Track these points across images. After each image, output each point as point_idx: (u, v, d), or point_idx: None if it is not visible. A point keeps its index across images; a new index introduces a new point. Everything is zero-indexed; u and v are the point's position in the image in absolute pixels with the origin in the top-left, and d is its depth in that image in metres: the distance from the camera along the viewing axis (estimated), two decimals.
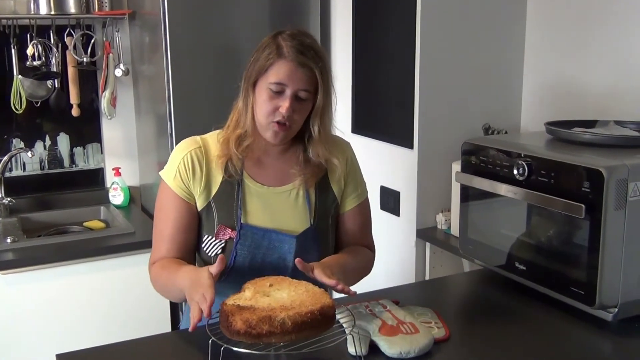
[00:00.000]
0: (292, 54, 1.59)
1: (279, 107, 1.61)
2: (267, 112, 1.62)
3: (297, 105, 1.62)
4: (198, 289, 1.44)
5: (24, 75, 3.06)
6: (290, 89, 1.60)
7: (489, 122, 2.60)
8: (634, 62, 2.25)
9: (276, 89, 1.60)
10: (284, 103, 1.60)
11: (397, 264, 2.76)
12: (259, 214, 1.70)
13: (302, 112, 1.65)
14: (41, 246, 2.75)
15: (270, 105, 1.61)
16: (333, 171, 1.76)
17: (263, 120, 1.64)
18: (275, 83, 1.60)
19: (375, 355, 1.48)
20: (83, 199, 3.30)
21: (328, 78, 1.65)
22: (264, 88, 1.62)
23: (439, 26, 2.54)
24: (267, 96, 1.61)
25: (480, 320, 1.75)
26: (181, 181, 1.68)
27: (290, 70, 1.59)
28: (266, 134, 1.66)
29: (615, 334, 1.65)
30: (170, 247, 1.70)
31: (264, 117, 1.63)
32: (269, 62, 1.60)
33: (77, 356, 1.53)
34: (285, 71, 1.59)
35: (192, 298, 1.44)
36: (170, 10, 2.74)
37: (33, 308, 2.67)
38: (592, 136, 1.86)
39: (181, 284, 1.55)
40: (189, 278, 1.52)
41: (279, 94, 1.61)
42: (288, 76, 1.59)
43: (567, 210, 1.66)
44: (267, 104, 1.62)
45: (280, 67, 1.59)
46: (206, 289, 1.41)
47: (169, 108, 2.81)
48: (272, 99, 1.61)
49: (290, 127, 1.64)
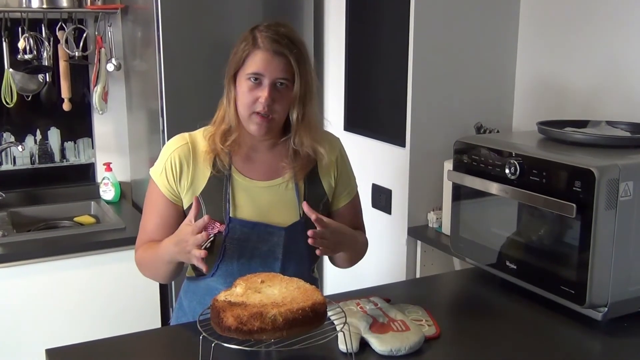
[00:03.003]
0: (266, 43, 1.61)
1: (258, 97, 1.62)
2: (248, 104, 1.63)
3: (276, 95, 1.63)
4: (184, 238, 1.54)
5: (15, 69, 3.04)
6: (268, 78, 1.62)
7: (481, 121, 2.60)
8: (626, 63, 2.26)
9: (254, 80, 1.62)
10: (263, 93, 1.62)
11: (388, 262, 2.77)
12: (247, 208, 1.70)
13: (283, 101, 1.65)
14: (31, 241, 2.74)
15: (250, 97, 1.63)
16: (320, 160, 1.76)
17: (245, 113, 1.65)
18: (252, 73, 1.62)
19: (366, 353, 1.48)
20: (73, 193, 3.29)
21: (305, 65, 1.66)
22: (243, 80, 1.64)
23: (432, 25, 2.54)
24: (246, 88, 1.63)
25: (470, 319, 1.75)
26: (166, 180, 1.70)
27: (266, 59, 1.61)
28: (250, 127, 1.67)
29: (605, 333, 1.66)
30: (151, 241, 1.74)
31: (245, 109, 1.65)
32: (245, 53, 1.63)
33: (66, 351, 1.53)
34: (260, 61, 1.61)
35: (184, 248, 1.53)
36: (163, 5, 2.73)
37: (22, 303, 2.66)
38: (584, 136, 1.86)
39: (165, 249, 1.62)
40: (170, 242, 1.60)
41: (257, 84, 1.62)
42: (264, 66, 1.61)
43: (558, 210, 1.67)
44: (247, 95, 1.63)
45: (255, 57, 1.62)
46: (191, 232, 1.51)
47: (161, 104, 2.80)
48: (252, 90, 1.63)
49: (272, 119, 1.65)
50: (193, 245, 1.52)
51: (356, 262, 1.86)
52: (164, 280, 1.78)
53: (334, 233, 1.63)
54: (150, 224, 1.74)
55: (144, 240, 1.75)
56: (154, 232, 1.73)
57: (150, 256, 1.71)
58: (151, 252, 1.70)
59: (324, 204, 1.78)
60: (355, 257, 1.85)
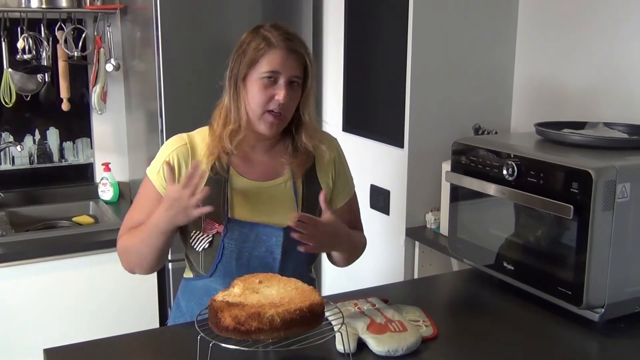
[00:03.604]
0: (281, 42, 1.62)
1: (273, 95, 1.62)
2: (262, 102, 1.63)
3: (290, 93, 1.64)
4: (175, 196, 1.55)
5: (14, 69, 3.04)
6: (284, 76, 1.63)
7: (479, 122, 2.61)
8: (624, 65, 2.26)
9: (270, 78, 1.62)
10: (280, 91, 1.62)
11: (386, 263, 2.77)
12: (246, 208, 1.70)
13: (295, 99, 1.67)
14: (29, 241, 2.74)
15: (264, 96, 1.63)
16: (321, 157, 1.77)
17: (258, 111, 1.65)
18: (269, 71, 1.62)
19: (363, 353, 1.48)
20: (72, 193, 3.29)
21: (314, 63, 1.69)
22: (255, 80, 1.63)
23: (431, 26, 2.54)
24: (260, 87, 1.63)
25: (468, 319, 1.76)
26: (163, 179, 1.69)
27: (282, 57, 1.62)
28: (260, 127, 1.67)
29: (602, 334, 1.66)
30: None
31: (259, 108, 1.64)
32: (259, 52, 1.63)
33: (65, 351, 1.53)
34: (277, 59, 1.62)
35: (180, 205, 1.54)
36: (163, 6, 2.73)
37: (20, 303, 2.66)
38: (581, 137, 1.87)
39: (158, 219, 1.60)
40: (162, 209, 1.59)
41: (272, 82, 1.63)
42: (281, 64, 1.62)
43: (555, 211, 1.67)
44: (260, 94, 1.63)
45: (272, 56, 1.62)
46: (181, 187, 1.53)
47: (160, 104, 2.80)
48: (266, 88, 1.63)
49: (285, 117, 1.66)
50: (188, 195, 1.52)
51: (353, 261, 1.87)
52: (148, 266, 1.70)
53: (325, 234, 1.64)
54: (138, 218, 1.72)
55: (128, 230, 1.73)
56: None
57: (137, 238, 1.67)
58: (138, 233, 1.67)
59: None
60: (353, 256, 1.85)
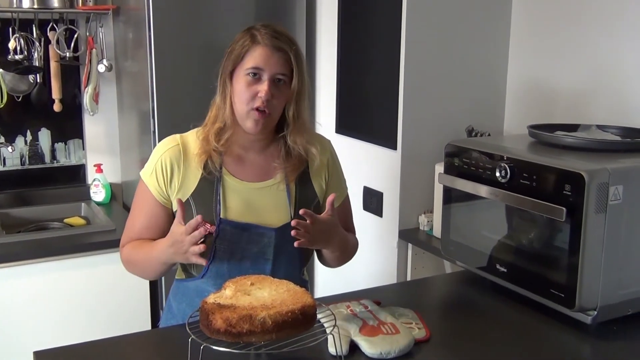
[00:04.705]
0: (266, 39, 1.64)
1: (257, 92, 1.63)
2: (247, 99, 1.64)
3: (275, 91, 1.65)
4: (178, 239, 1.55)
5: (5, 69, 3.03)
6: (267, 73, 1.63)
7: (473, 124, 2.61)
8: (617, 67, 2.27)
9: (253, 75, 1.63)
10: (263, 87, 1.63)
11: (379, 265, 2.77)
12: (238, 209, 1.70)
13: (280, 97, 1.67)
14: (21, 242, 2.72)
15: (248, 92, 1.64)
16: (312, 160, 1.77)
17: (243, 108, 1.65)
18: (252, 68, 1.63)
19: (356, 356, 1.48)
20: (64, 195, 3.27)
21: (302, 63, 1.69)
22: (241, 76, 1.64)
23: (424, 28, 2.54)
24: (245, 83, 1.64)
25: (460, 322, 1.75)
26: (157, 181, 1.70)
27: (266, 54, 1.63)
28: (246, 124, 1.67)
29: (594, 336, 1.67)
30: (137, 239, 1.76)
31: (243, 105, 1.65)
32: (244, 49, 1.64)
33: (55, 354, 1.52)
34: (260, 55, 1.63)
35: (180, 249, 1.55)
36: (155, 6, 2.72)
37: (11, 304, 2.64)
38: (574, 140, 1.87)
39: (161, 251, 1.63)
40: (165, 244, 1.61)
41: (256, 80, 1.63)
42: (264, 60, 1.63)
43: (548, 213, 1.67)
44: (245, 90, 1.64)
45: (255, 52, 1.63)
46: (184, 232, 1.53)
47: (152, 105, 2.80)
48: (251, 85, 1.64)
49: (270, 115, 1.66)
50: (189, 244, 1.53)
51: (345, 263, 1.86)
52: (152, 278, 1.81)
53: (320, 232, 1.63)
54: (138, 223, 1.75)
55: (131, 238, 1.76)
56: (141, 232, 1.74)
57: (141, 256, 1.72)
58: (143, 253, 1.71)
59: (315, 206, 1.78)
60: (345, 257, 1.85)
